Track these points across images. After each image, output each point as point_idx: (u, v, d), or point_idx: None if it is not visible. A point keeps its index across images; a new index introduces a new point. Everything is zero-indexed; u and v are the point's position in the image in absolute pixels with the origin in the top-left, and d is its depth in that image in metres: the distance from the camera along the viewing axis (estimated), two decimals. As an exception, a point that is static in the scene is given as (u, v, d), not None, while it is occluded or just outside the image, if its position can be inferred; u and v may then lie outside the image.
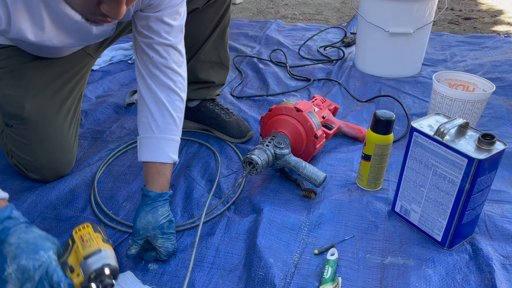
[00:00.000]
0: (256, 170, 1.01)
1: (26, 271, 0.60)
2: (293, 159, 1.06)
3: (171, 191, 0.90)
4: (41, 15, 0.76)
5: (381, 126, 1.00)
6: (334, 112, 1.35)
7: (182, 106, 0.96)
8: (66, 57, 1.08)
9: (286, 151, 1.06)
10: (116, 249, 0.91)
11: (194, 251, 0.82)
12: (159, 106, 0.92)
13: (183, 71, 0.97)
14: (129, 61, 1.90)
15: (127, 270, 0.85)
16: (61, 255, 0.65)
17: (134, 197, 1.07)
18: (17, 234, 0.62)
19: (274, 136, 1.09)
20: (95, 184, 1.10)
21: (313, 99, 1.30)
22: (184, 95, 0.97)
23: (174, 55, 0.94)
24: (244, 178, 1.10)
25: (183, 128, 1.35)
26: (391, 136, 1.02)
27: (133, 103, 1.50)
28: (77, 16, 0.73)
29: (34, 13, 0.75)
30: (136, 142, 1.26)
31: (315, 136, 1.12)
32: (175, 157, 0.93)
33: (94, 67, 1.81)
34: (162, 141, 0.92)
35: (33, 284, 0.60)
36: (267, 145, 1.05)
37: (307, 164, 1.06)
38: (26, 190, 1.07)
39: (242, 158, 1.20)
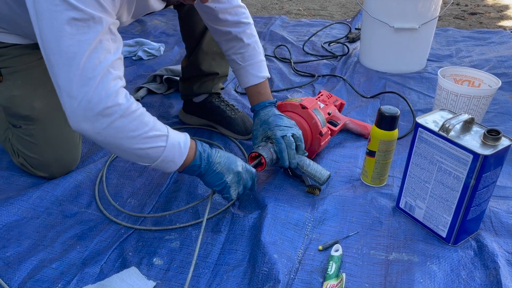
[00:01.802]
0: (263, 165, 1.01)
1: (238, 174, 0.91)
2: (297, 157, 1.06)
3: (269, 100, 1.12)
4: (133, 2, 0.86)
5: (386, 122, 0.99)
6: (340, 108, 1.34)
7: (253, 32, 1.12)
8: None
9: None
10: (121, 244, 0.91)
11: (197, 247, 0.82)
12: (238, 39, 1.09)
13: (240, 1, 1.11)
14: (134, 57, 1.91)
15: (131, 266, 0.85)
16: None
17: (139, 193, 1.07)
18: (216, 157, 0.89)
19: (279, 133, 1.09)
20: (99, 180, 1.10)
21: (319, 95, 1.29)
22: (250, 20, 1.12)
23: None
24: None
25: (187, 124, 1.36)
26: (395, 132, 1.01)
27: (138, 100, 1.50)
28: None
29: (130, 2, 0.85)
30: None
31: (320, 134, 1.11)
32: (263, 74, 1.12)
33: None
34: (248, 68, 1.11)
35: (242, 178, 0.92)
36: (271, 143, 1.05)
37: (311, 162, 1.05)
38: (32, 186, 1.08)
39: (246, 155, 1.20)
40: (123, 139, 0.77)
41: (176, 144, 0.82)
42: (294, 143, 1.03)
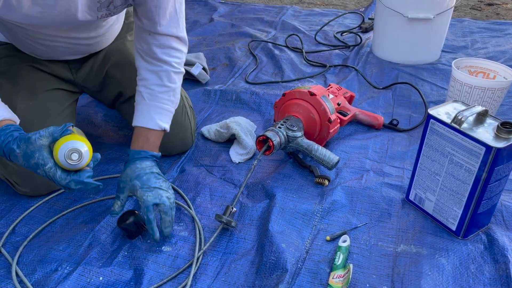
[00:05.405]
0: (271, 149, 1.01)
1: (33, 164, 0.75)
2: (306, 142, 1.06)
3: (155, 152, 0.93)
4: None
5: None
6: (350, 100, 1.33)
7: (176, 79, 0.98)
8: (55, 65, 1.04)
9: (298, 133, 1.06)
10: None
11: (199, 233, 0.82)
12: (157, 75, 0.95)
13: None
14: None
15: (140, 250, 0.86)
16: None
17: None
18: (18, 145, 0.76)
19: (287, 119, 1.09)
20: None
21: (329, 87, 1.29)
22: (182, 69, 1.00)
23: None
24: (259, 159, 1.09)
25: None
26: None
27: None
28: None
29: None
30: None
31: (329, 121, 1.10)
32: (163, 124, 0.95)
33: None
34: (152, 108, 0.95)
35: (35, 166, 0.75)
36: (280, 127, 1.05)
37: (320, 147, 1.05)
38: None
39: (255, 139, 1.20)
40: None
41: None
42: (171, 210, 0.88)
